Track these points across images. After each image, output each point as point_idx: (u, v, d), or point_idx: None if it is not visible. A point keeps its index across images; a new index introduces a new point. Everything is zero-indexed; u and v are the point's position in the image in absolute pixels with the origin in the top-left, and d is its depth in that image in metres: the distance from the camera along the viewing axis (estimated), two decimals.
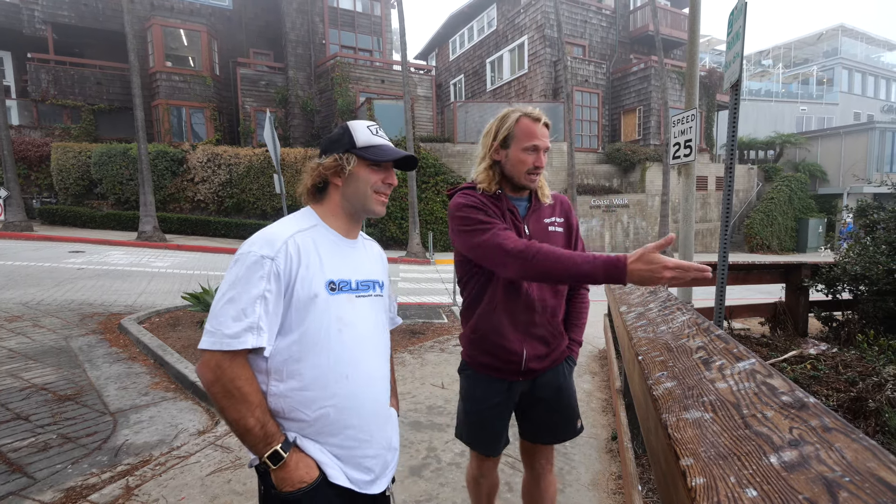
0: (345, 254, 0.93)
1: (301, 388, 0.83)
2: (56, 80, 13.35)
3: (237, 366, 0.78)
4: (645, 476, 1.85)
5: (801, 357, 2.89)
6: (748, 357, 0.74)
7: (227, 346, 0.77)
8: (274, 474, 0.81)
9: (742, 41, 2.46)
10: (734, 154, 2.62)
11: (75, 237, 9.70)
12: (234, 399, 0.78)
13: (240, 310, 0.78)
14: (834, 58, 24.68)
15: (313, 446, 0.85)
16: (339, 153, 0.91)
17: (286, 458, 0.80)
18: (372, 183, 0.92)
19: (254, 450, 0.81)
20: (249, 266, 0.80)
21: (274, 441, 0.80)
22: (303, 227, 0.89)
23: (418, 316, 5.01)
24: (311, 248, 0.86)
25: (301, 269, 0.84)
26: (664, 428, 0.60)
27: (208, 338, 0.78)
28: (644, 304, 1.47)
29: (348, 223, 0.95)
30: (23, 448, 2.15)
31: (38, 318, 4.33)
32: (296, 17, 14.94)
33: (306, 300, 0.84)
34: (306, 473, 0.82)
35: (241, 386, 0.78)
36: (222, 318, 0.78)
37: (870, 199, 4.30)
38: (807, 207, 16.03)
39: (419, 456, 2.13)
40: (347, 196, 0.93)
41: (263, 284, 0.80)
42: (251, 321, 0.78)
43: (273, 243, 0.83)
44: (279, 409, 0.84)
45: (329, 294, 0.86)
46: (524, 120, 1.17)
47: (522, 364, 1.21)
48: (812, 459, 0.44)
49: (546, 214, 1.24)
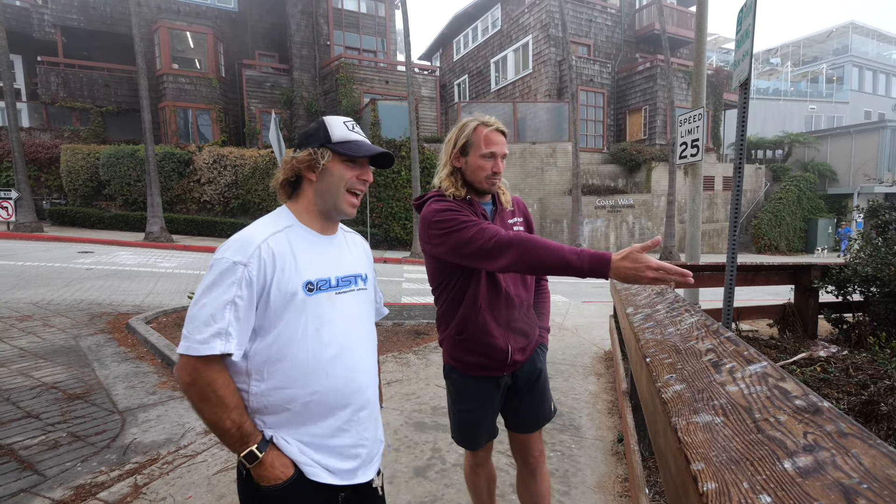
0: (323, 251, 0.92)
1: (282, 386, 0.84)
2: (65, 82, 13.56)
3: (213, 371, 0.79)
4: (652, 479, 1.83)
5: (811, 359, 2.85)
6: (759, 360, 0.73)
7: (196, 351, 0.77)
8: (252, 471, 0.83)
9: (752, 39, 2.44)
10: (743, 153, 2.59)
11: (84, 238, 9.84)
12: (209, 402, 0.79)
13: (209, 315, 0.79)
14: (844, 55, 24.32)
15: (293, 445, 0.86)
16: (314, 147, 0.89)
17: (262, 458, 0.82)
18: (346, 179, 0.90)
19: (231, 449, 0.83)
20: (222, 272, 0.81)
21: (250, 441, 0.82)
22: (278, 228, 0.88)
23: (423, 317, 5.00)
24: (287, 251, 0.86)
25: (276, 272, 0.84)
26: (674, 431, 0.60)
27: (183, 342, 0.79)
28: (651, 305, 1.46)
29: (322, 220, 0.94)
30: (33, 446, 2.19)
31: (49, 317, 4.39)
32: (300, 19, 15.04)
33: (283, 302, 0.84)
34: (282, 472, 0.83)
35: (217, 389, 0.79)
36: (195, 322, 0.79)
37: (881, 199, 4.22)
38: (816, 208, 15.81)
39: (424, 457, 2.12)
40: (320, 192, 0.91)
41: (234, 290, 0.80)
42: (220, 327, 0.78)
43: (246, 249, 0.82)
44: (260, 407, 0.85)
45: (307, 295, 0.86)
46: (481, 128, 1.22)
47: (508, 358, 1.27)
48: (828, 465, 0.43)
49: (509, 216, 1.34)
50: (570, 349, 3.94)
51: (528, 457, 1.39)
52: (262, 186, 11.76)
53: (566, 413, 2.65)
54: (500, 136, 1.23)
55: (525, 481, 1.42)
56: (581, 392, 2.97)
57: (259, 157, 11.82)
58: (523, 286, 1.31)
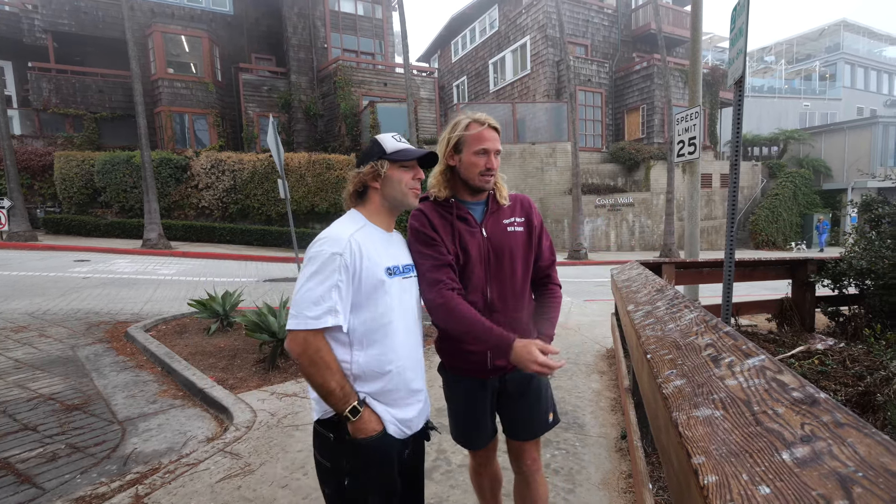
0: (389, 245, 1.14)
1: (381, 353, 1.06)
2: (57, 88, 13.49)
3: (319, 340, 1.00)
4: (655, 474, 1.84)
5: (809, 352, 2.87)
6: (757, 354, 0.74)
7: (311, 325, 0.98)
8: (351, 426, 1.02)
9: (745, 38, 2.46)
10: (739, 150, 2.62)
11: (80, 246, 9.78)
12: (318, 367, 0.99)
13: (318, 296, 0.99)
14: (836, 53, 24.53)
15: (379, 406, 1.07)
16: (374, 161, 1.11)
17: (362, 413, 1.02)
18: (405, 181, 1.12)
19: (335, 407, 1.01)
20: (324, 262, 1.01)
21: (352, 399, 1.02)
22: (358, 226, 1.10)
23: (426, 318, 4.99)
24: (368, 243, 1.07)
25: (364, 260, 1.04)
26: (675, 426, 0.61)
27: (293, 320, 0.99)
28: (651, 302, 1.47)
29: (388, 219, 1.17)
30: (31, 459, 2.16)
31: (45, 327, 4.36)
32: (297, 22, 15.04)
33: (373, 285, 1.05)
34: (375, 427, 1.04)
35: (324, 356, 0.99)
36: (304, 304, 0.99)
37: (874, 193, 4.29)
38: (811, 203, 15.91)
39: (429, 458, 2.13)
40: (386, 195, 1.13)
41: (336, 276, 1.00)
42: (329, 305, 0.99)
43: (340, 242, 1.03)
44: (360, 373, 1.05)
45: (388, 278, 1.08)
46: (473, 125, 1.23)
47: (488, 363, 1.27)
48: (825, 455, 0.44)
49: (505, 215, 1.30)
50: (573, 348, 3.95)
51: (522, 465, 1.36)
52: (261, 191, 11.73)
53: (570, 411, 2.65)
54: (492, 133, 1.23)
55: (519, 489, 1.40)
56: (584, 390, 2.98)
57: (258, 161, 11.79)
58: (512, 294, 1.26)
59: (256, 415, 2.61)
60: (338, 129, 14.09)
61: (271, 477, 2.00)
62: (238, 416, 2.58)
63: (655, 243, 13.22)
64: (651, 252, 12.76)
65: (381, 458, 1.06)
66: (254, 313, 3.45)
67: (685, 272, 3.75)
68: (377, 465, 1.05)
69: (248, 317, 3.40)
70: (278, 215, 11.74)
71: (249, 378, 3.19)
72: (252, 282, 7.13)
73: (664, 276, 3.40)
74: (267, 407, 2.72)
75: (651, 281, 1.95)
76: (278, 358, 3.40)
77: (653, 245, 13.31)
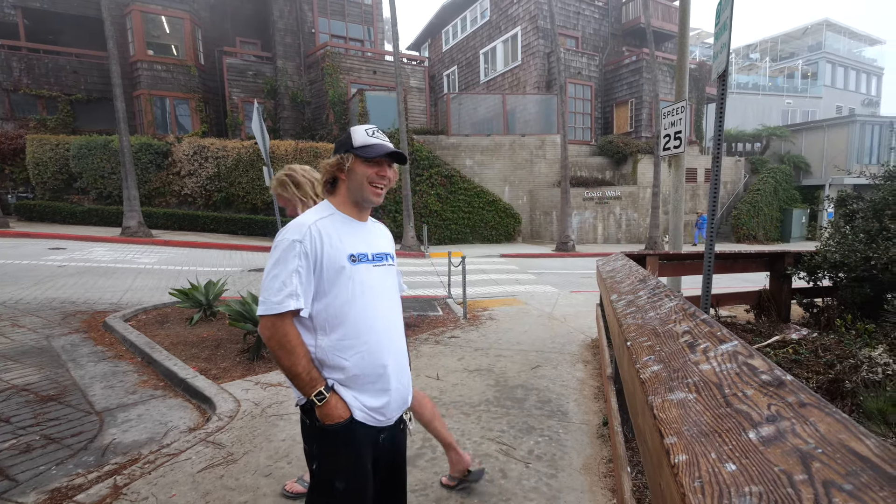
0: (359, 233, 1.16)
1: (343, 338, 1.08)
2: (29, 68, 12.83)
3: (287, 324, 1.03)
4: (634, 459, 1.90)
5: (784, 342, 2.98)
6: (731, 339, 0.76)
7: (275, 309, 1.01)
8: (318, 410, 1.05)
9: (729, 32, 2.48)
10: (721, 143, 2.66)
11: (55, 233, 9.42)
12: (286, 350, 1.03)
13: (281, 282, 1.03)
14: (818, 52, 25.07)
15: (347, 393, 1.09)
16: (342, 153, 1.14)
17: (328, 398, 1.05)
18: (367, 175, 1.13)
19: (302, 391, 1.05)
20: (285, 249, 1.05)
21: (318, 384, 1.05)
22: (322, 215, 1.13)
23: (413, 308, 5.00)
24: (332, 231, 1.10)
25: (325, 246, 1.07)
26: (650, 409, 0.62)
27: (262, 306, 1.03)
28: (634, 292, 1.49)
29: (356, 209, 1.18)
30: (3, 450, 2.10)
31: (17, 317, 4.21)
32: (283, 5, 14.54)
33: (335, 270, 1.07)
34: (342, 413, 1.06)
35: (291, 340, 1.03)
36: (270, 290, 1.03)
37: (850, 189, 4.45)
38: (791, 198, 16.38)
39: (414, 446, 2.14)
40: (350, 187, 1.15)
41: (297, 261, 1.04)
42: (290, 290, 1.03)
43: (301, 229, 1.07)
44: (324, 358, 1.08)
45: (351, 264, 1.10)
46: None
47: None
48: (788, 433, 0.46)
49: None
50: (559, 338, 4.02)
51: None
52: (246, 179, 11.45)
53: (554, 399, 2.71)
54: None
55: None
56: (569, 379, 3.04)
57: (242, 148, 11.48)
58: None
59: (240, 404, 2.58)
60: (326, 117, 13.79)
61: (254, 466, 1.99)
62: (221, 405, 2.55)
63: (642, 236, 13.46)
64: (637, 245, 13.00)
65: (347, 444, 1.07)
66: (238, 303, 3.39)
67: (668, 264, 3.83)
68: (343, 450, 1.07)
69: (231, 306, 3.35)
70: (264, 204, 11.50)
71: (233, 368, 3.15)
72: (237, 271, 6.99)
73: (648, 267, 3.47)
74: (251, 397, 2.70)
75: (634, 272, 1.98)
76: (263, 348, 3.37)
77: (639, 238, 13.55)
